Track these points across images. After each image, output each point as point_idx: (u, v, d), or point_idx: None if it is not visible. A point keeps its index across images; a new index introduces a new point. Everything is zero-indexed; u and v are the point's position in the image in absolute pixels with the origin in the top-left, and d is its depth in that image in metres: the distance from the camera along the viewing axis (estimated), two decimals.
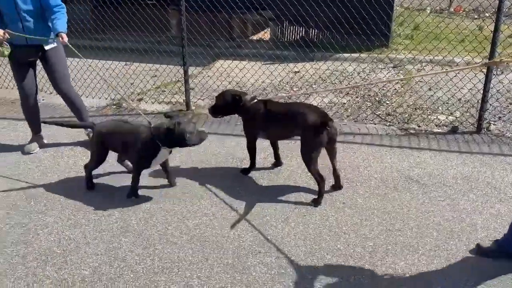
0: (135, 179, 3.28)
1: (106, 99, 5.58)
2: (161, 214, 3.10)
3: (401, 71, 6.64)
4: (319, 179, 3.19)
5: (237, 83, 5.92)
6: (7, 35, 3.54)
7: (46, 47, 3.81)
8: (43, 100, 5.45)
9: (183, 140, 3.05)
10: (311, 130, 3.12)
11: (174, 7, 8.31)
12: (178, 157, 3.94)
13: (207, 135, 3.21)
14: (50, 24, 3.69)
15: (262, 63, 6.42)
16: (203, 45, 6.36)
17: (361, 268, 2.56)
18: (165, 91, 5.90)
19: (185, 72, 5.18)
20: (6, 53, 3.71)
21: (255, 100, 3.49)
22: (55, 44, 3.87)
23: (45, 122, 3.68)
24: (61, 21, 3.63)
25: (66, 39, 3.60)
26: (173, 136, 3.04)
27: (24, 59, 3.84)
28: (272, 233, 2.89)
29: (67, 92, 4.04)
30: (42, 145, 4.21)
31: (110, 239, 2.84)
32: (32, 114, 4.12)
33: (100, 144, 3.33)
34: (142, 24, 6.92)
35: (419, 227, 2.94)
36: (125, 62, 6.73)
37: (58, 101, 4.63)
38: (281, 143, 3.81)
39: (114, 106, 5.44)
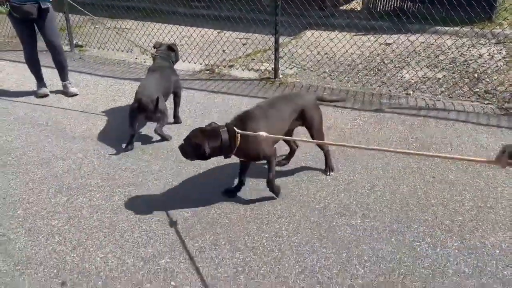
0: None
1: (200, 64, 5.90)
2: (252, 170, 3.31)
3: (503, 48, 6.14)
4: (328, 148, 3.33)
5: (325, 54, 5.92)
6: None
7: (43, 6, 4.55)
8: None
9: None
10: (316, 109, 3.18)
11: None
12: None
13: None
14: None
15: (353, 34, 6.32)
16: (295, 15, 6.38)
17: (448, 239, 2.57)
18: (254, 59, 6.09)
19: (276, 40, 5.29)
20: (4, 11, 4.50)
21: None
22: (49, 5, 4.63)
23: None
24: None
25: None
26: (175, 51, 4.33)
27: (26, 15, 4.50)
28: (358, 198, 2.98)
29: (57, 45, 4.81)
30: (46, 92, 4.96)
31: (208, 189, 3.13)
32: (34, 65, 4.91)
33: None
34: None
35: None
36: (218, 30, 7.01)
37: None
38: None
39: (208, 72, 5.75)
